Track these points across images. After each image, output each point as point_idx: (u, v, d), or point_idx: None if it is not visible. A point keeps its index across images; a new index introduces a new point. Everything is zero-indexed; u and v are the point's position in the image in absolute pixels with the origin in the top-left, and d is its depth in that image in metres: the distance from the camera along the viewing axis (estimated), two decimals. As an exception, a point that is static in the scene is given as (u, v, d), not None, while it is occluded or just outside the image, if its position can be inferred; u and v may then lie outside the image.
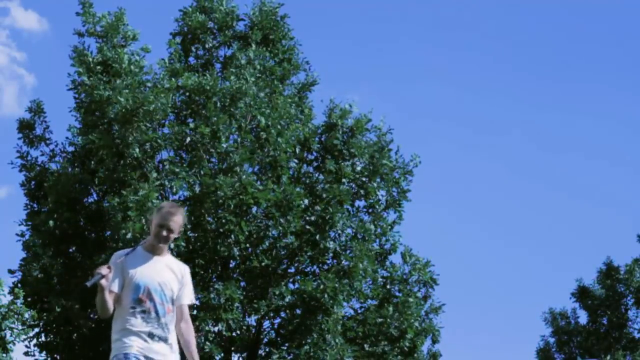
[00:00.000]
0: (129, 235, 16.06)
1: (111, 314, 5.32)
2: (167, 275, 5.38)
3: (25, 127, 18.91)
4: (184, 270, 5.50)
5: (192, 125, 17.76)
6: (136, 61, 18.02)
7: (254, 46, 18.79)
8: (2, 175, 50.99)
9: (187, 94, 18.02)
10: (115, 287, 5.30)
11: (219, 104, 17.73)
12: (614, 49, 46.68)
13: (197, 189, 17.10)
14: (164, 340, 5.31)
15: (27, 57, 40.35)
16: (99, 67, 18.13)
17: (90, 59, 18.10)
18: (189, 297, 5.49)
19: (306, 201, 17.54)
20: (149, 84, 17.86)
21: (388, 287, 18.77)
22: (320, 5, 40.59)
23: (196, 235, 17.45)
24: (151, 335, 5.26)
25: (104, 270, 5.17)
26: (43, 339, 17.78)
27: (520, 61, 44.40)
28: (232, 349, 18.04)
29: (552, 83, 44.18)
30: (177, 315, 5.41)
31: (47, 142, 19.05)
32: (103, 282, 5.17)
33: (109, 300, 5.23)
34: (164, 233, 5.32)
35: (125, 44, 18.54)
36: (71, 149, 18.99)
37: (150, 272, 5.35)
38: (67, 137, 19.00)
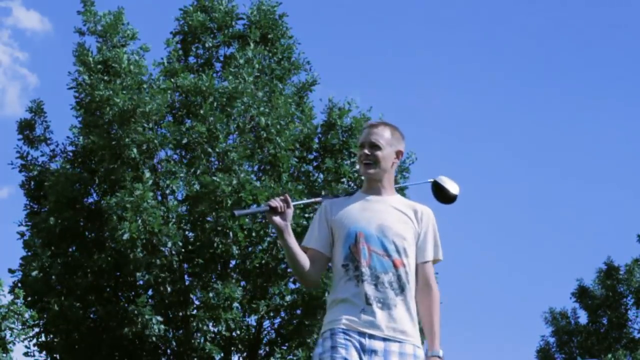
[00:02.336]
0: (125, 236, 16.07)
1: (315, 279, 3.95)
2: (393, 217, 3.91)
3: (25, 128, 18.89)
4: (423, 212, 3.98)
5: (188, 125, 17.78)
6: (135, 61, 17.99)
7: (252, 45, 18.80)
8: (3, 175, 50.89)
9: (184, 94, 18.04)
10: (311, 241, 3.94)
11: (216, 104, 17.75)
12: (615, 48, 46.71)
13: (196, 187, 17.11)
14: (390, 306, 3.83)
15: (29, 57, 40.28)
16: (99, 66, 18.14)
17: (91, 59, 18.10)
18: (430, 251, 3.95)
19: (305, 199, 17.54)
20: (145, 85, 17.85)
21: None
22: (322, 6, 40.60)
23: (195, 234, 17.47)
24: (368, 300, 3.80)
25: (273, 201, 3.78)
26: (43, 339, 17.78)
27: (521, 61, 44.42)
28: (232, 349, 18.04)
29: (550, 84, 44.18)
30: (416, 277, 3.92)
31: (48, 142, 19.03)
32: (277, 219, 3.80)
33: (299, 255, 3.85)
34: (366, 151, 3.93)
35: (124, 43, 18.51)
36: (72, 148, 18.98)
37: (366, 215, 3.90)
38: (68, 137, 19.01)
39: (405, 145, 4.08)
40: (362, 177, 4.09)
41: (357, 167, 4.12)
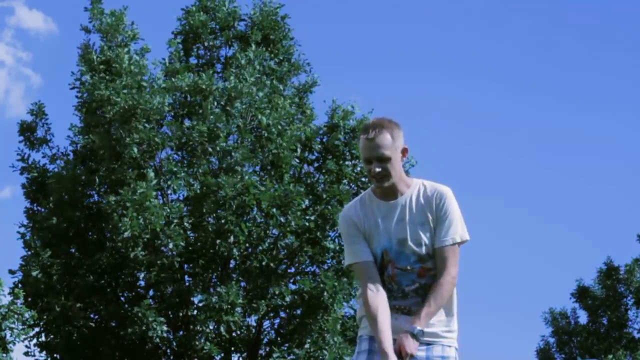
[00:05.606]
0: (126, 234, 16.07)
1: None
2: (412, 224, 3.86)
3: (26, 130, 18.88)
4: (441, 198, 3.93)
5: (188, 124, 17.78)
6: (136, 61, 18.01)
7: (253, 46, 18.80)
8: (5, 176, 50.98)
9: (184, 94, 18.04)
10: (358, 256, 3.89)
11: (216, 104, 17.76)
12: (615, 49, 46.71)
13: (197, 187, 17.11)
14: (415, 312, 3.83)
15: (33, 57, 40.23)
16: (102, 66, 18.15)
17: (95, 57, 18.11)
18: (444, 237, 3.90)
19: (307, 201, 17.55)
20: (144, 84, 17.85)
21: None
22: (323, 6, 40.61)
23: (196, 235, 17.47)
24: (395, 310, 3.85)
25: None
26: (43, 339, 17.79)
27: (522, 62, 44.45)
28: (232, 349, 18.04)
29: (550, 85, 44.22)
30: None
31: (49, 144, 19.01)
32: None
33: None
34: (376, 169, 3.80)
35: (126, 43, 18.51)
36: (72, 148, 18.97)
37: (387, 228, 3.86)
38: (68, 136, 18.99)
39: (403, 132, 3.92)
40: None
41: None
